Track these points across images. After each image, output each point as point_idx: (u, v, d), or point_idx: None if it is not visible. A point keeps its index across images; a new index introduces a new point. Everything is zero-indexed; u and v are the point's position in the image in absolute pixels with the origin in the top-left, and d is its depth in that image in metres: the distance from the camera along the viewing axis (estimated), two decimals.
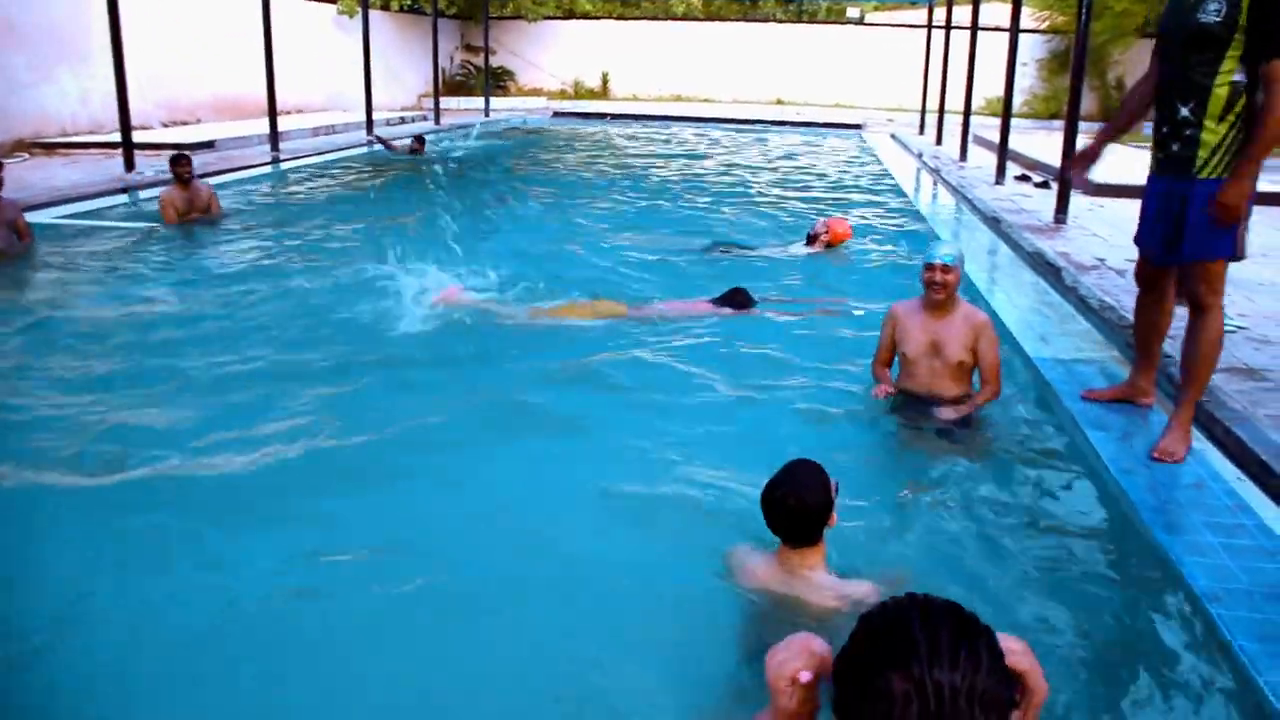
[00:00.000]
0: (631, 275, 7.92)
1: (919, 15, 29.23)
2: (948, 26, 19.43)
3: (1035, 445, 4.49)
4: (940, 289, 4.43)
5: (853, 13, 33.81)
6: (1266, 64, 3.71)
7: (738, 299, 6.75)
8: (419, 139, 16.21)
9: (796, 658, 1.50)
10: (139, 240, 8.86)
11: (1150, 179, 4.26)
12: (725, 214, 11.11)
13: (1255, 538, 3.42)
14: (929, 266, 4.45)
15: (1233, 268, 4.34)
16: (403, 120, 22.29)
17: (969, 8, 19.45)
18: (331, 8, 24.07)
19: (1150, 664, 2.85)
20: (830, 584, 2.86)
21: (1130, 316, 6.24)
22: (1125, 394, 4.70)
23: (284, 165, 14.23)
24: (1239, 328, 5.89)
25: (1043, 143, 17.28)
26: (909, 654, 1.25)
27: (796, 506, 2.79)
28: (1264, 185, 5.41)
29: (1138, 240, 4.43)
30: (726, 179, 14.69)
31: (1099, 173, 13.23)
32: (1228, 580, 3.09)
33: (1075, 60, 9.98)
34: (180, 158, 9.43)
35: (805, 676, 1.47)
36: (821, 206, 11.97)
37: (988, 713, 1.24)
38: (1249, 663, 2.68)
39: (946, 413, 4.45)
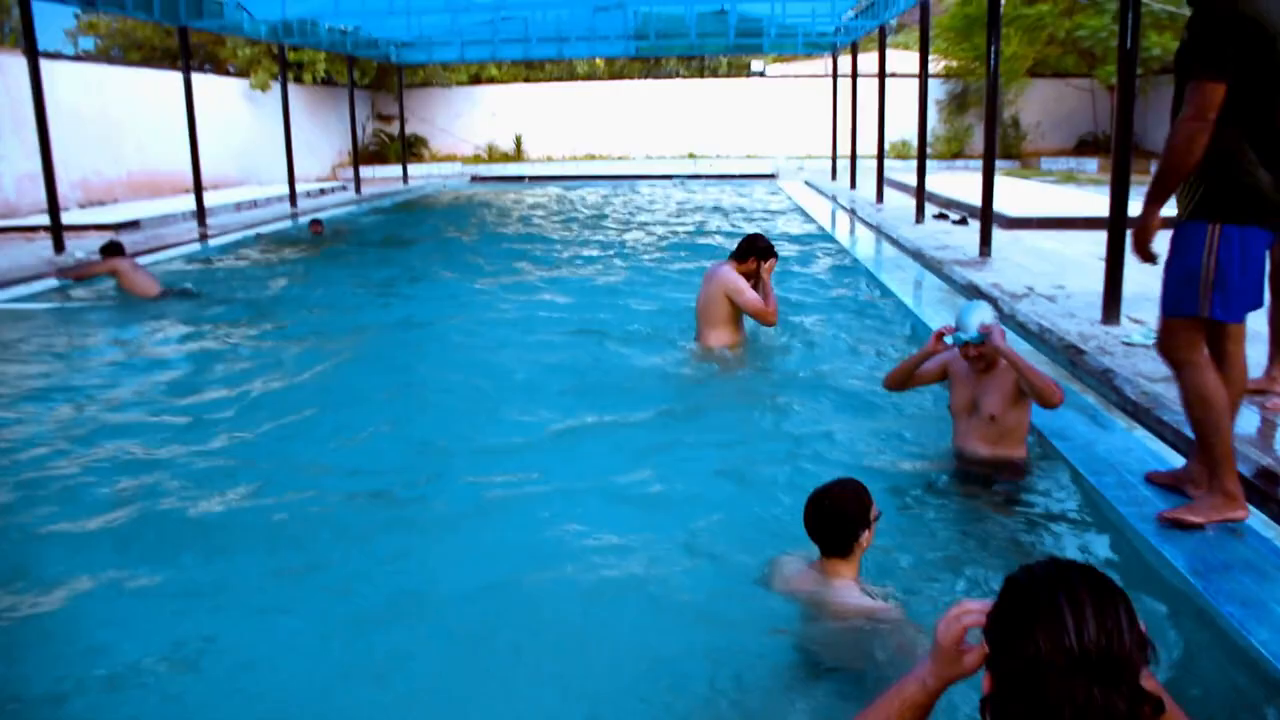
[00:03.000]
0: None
1: (819, 65, 30.25)
2: (854, 75, 20.17)
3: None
4: (978, 360, 4.33)
5: (756, 66, 34.75)
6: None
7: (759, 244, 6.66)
8: (315, 222, 14.97)
9: (965, 616, 1.69)
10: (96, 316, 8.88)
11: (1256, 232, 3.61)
12: (670, 267, 11.28)
13: None
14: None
15: None
16: (322, 192, 22.25)
17: (866, 56, 20.29)
18: (241, 82, 24.05)
19: None
20: (854, 595, 3.05)
21: (1067, 339, 6.64)
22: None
23: (213, 242, 14.09)
24: None
25: (951, 181, 18.04)
26: (1055, 616, 1.43)
27: (831, 511, 3.05)
28: None
29: (1247, 307, 3.72)
30: (650, 233, 14.93)
31: (1014, 206, 13.79)
32: None
33: (988, 105, 10.49)
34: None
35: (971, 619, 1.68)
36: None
37: (1127, 668, 1.42)
38: None
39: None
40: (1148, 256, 3.86)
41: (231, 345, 7.77)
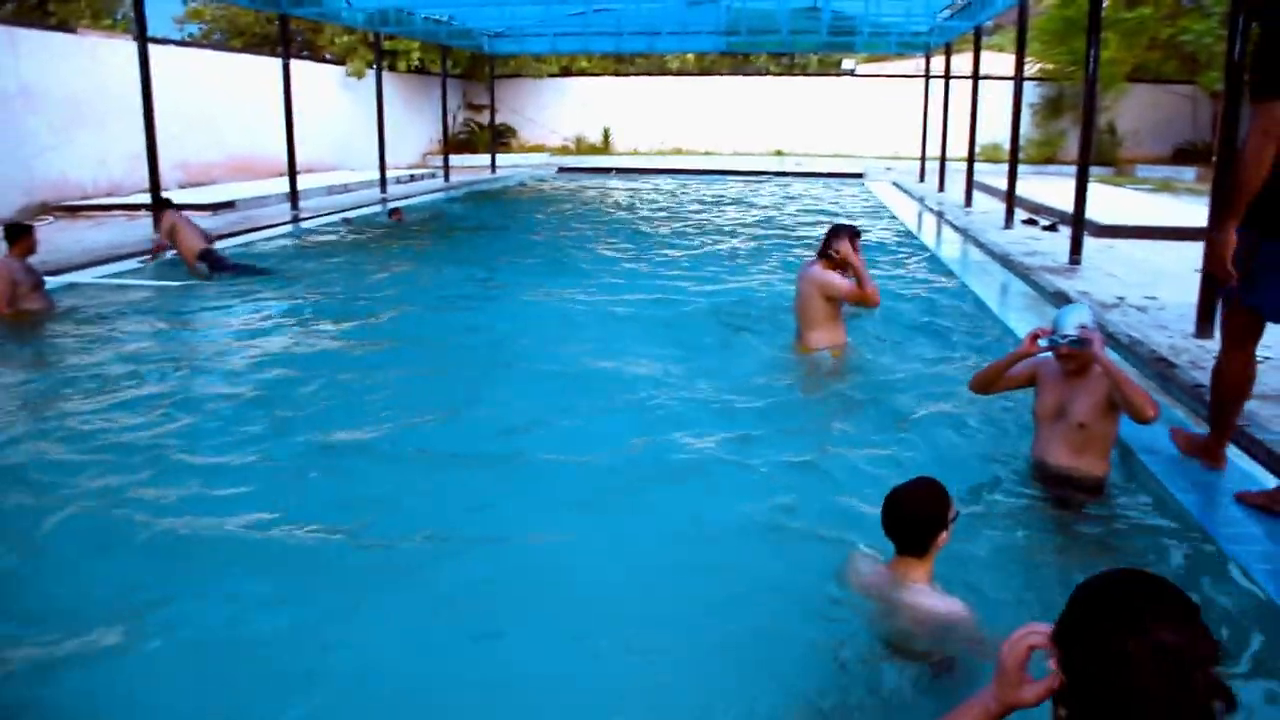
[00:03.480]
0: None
1: (909, 66, 29.84)
2: (946, 76, 19.87)
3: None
4: (1070, 360, 4.17)
5: (846, 64, 34.42)
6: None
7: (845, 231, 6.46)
8: (396, 210, 15.50)
9: (1030, 637, 1.67)
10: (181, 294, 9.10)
11: None
12: (763, 265, 11.20)
13: None
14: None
15: None
16: (412, 178, 22.64)
17: (959, 57, 19.96)
18: (337, 69, 24.56)
19: None
20: (927, 594, 3.03)
21: (1158, 351, 6.49)
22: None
23: (302, 224, 14.40)
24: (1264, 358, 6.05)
25: (1042, 187, 17.65)
26: (1133, 613, 1.43)
27: (908, 509, 3.02)
28: None
29: None
30: (739, 231, 14.89)
31: (1107, 213, 13.47)
32: None
33: (1085, 109, 10.28)
34: None
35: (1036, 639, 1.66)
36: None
37: (1205, 661, 1.41)
38: None
39: None
40: (1226, 274, 3.87)
41: (287, 327, 7.91)
